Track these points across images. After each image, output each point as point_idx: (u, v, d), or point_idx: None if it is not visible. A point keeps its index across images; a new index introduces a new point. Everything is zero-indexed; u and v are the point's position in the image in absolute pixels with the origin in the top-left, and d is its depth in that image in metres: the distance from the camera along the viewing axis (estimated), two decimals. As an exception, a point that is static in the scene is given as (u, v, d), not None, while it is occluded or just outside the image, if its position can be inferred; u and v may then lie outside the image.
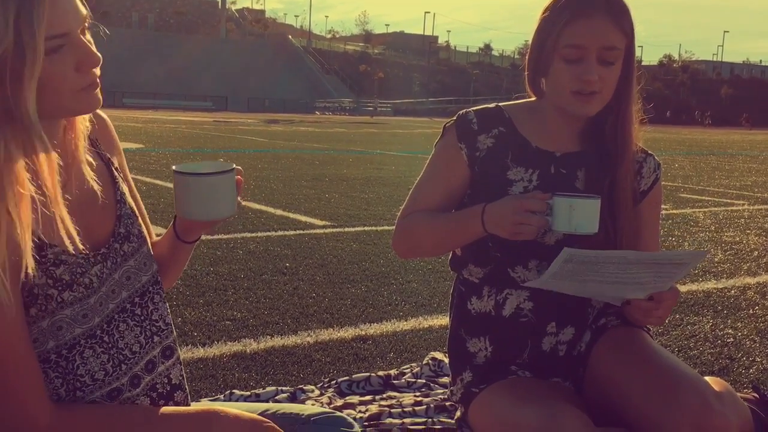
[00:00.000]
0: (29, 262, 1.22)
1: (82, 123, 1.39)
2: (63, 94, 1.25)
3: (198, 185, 1.38)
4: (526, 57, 1.98)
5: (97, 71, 1.30)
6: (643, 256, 1.71)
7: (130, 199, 1.49)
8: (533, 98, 2.04)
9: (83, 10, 1.27)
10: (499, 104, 2.08)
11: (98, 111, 1.43)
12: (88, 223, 1.35)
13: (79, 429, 1.30)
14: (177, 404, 1.47)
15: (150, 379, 1.42)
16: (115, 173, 1.47)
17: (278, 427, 1.38)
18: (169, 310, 1.52)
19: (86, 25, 1.28)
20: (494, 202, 1.82)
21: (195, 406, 1.48)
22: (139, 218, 1.51)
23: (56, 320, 1.29)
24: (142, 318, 1.43)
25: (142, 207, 1.60)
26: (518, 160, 1.98)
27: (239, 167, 1.47)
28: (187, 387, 1.53)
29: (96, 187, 1.38)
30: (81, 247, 1.31)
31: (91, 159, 1.40)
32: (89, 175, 1.38)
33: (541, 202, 1.74)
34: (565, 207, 1.70)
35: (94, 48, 1.28)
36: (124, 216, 1.44)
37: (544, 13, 1.90)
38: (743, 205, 8.93)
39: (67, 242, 1.29)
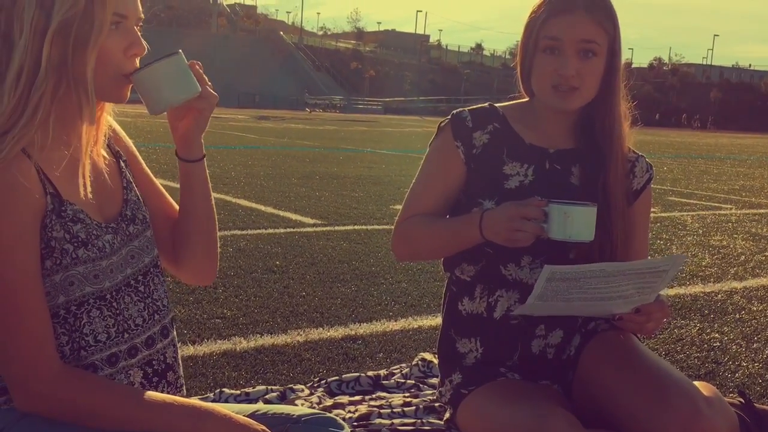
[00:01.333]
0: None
1: (105, 122, 1.49)
2: (107, 74, 1.36)
3: (151, 74, 1.41)
4: (517, 57, 2.02)
5: (138, 65, 1.41)
6: (622, 267, 1.72)
7: (136, 188, 1.56)
8: (526, 98, 2.06)
9: (140, 8, 1.40)
10: (492, 103, 2.11)
11: (111, 119, 1.55)
12: (99, 201, 1.44)
13: (80, 389, 1.34)
14: (169, 384, 1.51)
15: (148, 353, 1.48)
16: (122, 164, 1.55)
17: (269, 431, 1.39)
18: (167, 293, 1.57)
19: (140, 24, 1.41)
20: (491, 209, 1.85)
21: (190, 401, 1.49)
22: (144, 206, 1.57)
23: (69, 275, 1.36)
24: (145, 295, 1.49)
25: (161, 188, 1.67)
26: (513, 156, 2.00)
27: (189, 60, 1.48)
28: (180, 369, 1.57)
29: (106, 172, 1.47)
30: (92, 198, 1.40)
31: (104, 152, 1.51)
32: (102, 163, 1.47)
33: (537, 209, 1.75)
34: (560, 215, 1.71)
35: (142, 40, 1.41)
36: (131, 201, 1.52)
37: (531, 14, 1.96)
38: (731, 209, 8.99)
39: (81, 191, 1.39)
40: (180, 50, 1.44)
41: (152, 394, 1.40)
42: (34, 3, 1.29)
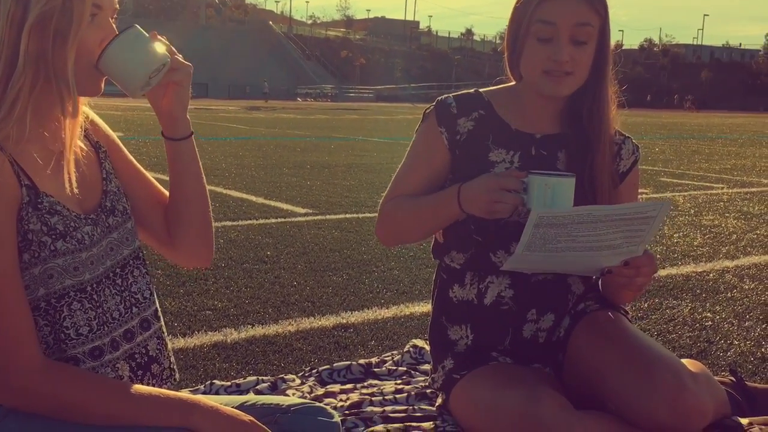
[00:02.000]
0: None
1: (81, 113, 1.45)
2: (82, 67, 1.33)
3: (112, 54, 1.37)
4: (505, 40, 2.00)
5: None
6: (609, 210, 1.71)
7: (116, 179, 1.54)
8: (513, 82, 2.05)
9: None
10: (478, 89, 2.09)
11: (88, 110, 1.52)
12: (78, 193, 1.42)
13: (62, 382, 1.32)
14: (154, 376, 1.50)
15: (129, 347, 1.46)
16: (101, 155, 1.52)
17: (257, 421, 1.38)
18: (150, 285, 1.55)
19: (115, 16, 1.39)
20: (469, 181, 1.83)
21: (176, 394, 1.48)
22: (124, 198, 1.54)
23: (48, 268, 1.34)
24: (122, 288, 1.47)
25: (147, 175, 1.64)
26: (499, 142, 1.99)
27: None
28: (166, 361, 1.55)
29: (83, 164, 1.45)
30: (76, 191, 1.39)
31: (81, 144, 1.47)
32: (79, 155, 1.44)
33: (516, 180, 1.75)
34: (540, 185, 1.71)
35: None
36: (110, 192, 1.50)
37: None
38: (722, 188, 9.00)
39: (67, 184, 1.37)
40: (135, 24, 1.41)
41: (138, 387, 1.39)
42: None
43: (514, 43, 1.95)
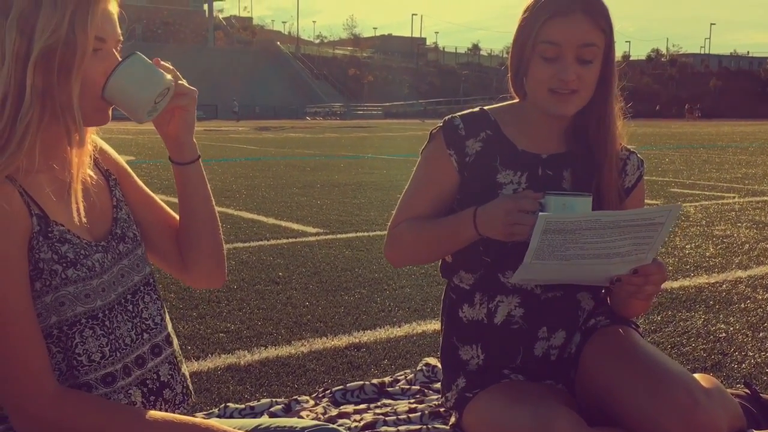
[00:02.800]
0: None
1: (90, 143, 1.48)
2: (88, 99, 1.36)
3: (116, 82, 1.38)
4: (509, 58, 2.00)
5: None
6: (617, 215, 1.70)
7: (126, 207, 1.56)
8: (517, 100, 2.05)
9: (119, 30, 1.41)
10: (483, 107, 2.10)
11: (98, 138, 1.55)
12: (88, 221, 1.44)
13: (77, 412, 1.34)
14: (166, 401, 1.51)
15: (140, 373, 1.47)
16: (111, 183, 1.55)
17: None
18: (161, 311, 1.56)
19: (119, 47, 1.42)
20: (485, 204, 1.84)
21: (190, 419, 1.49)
22: (134, 224, 1.57)
23: (59, 296, 1.36)
24: (134, 314, 1.49)
25: (158, 200, 1.68)
26: (506, 163, 2.00)
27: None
28: (179, 386, 1.55)
29: (93, 192, 1.47)
30: (84, 220, 1.42)
31: (91, 172, 1.49)
32: (89, 183, 1.46)
33: (534, 201, 1.75)
34: (558, 206, 1.72)
35: None
36: (120, 219, 1.53)
37: (524, 14, 1.92)
38: (734, 197, 8.96)
39: (75, 214, 1.40)
40: (137, 51, 1.43)
41: (151, 413, 1.40)
42: (15, 30, 1.28)
43: (518, 62, 1.95)
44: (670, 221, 1.72)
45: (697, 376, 1.90)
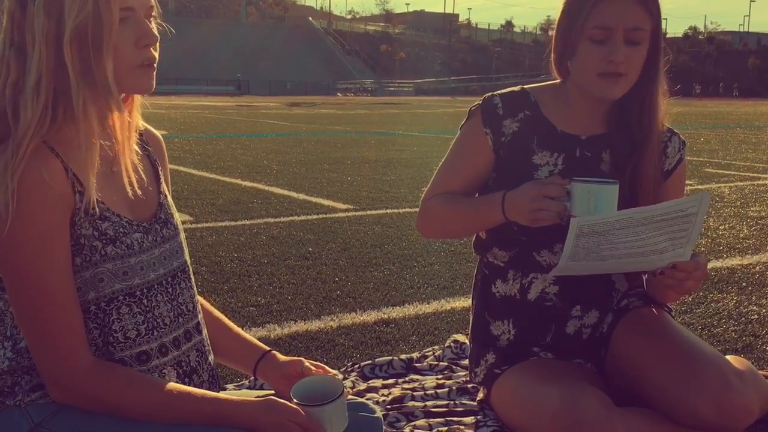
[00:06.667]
0: (93, 197, 1.36)
1: (136, 117, 1.52)
2: (121, 68, 1.37)
3: (328, 411, 1.45)
4: (552, 39, 1.98)
5: (155, 54, 1.43)
6: (649, 211, 1.69)
7: (169, 195, 1.61)
8: (558, 80, 2.04)
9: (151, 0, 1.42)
10: (524, 87, 2.08)
11: (155, 131, 1.60)
12: (132, 199, 1.47)
13: (112, 383, 1.37)
14: (195, 386, 1.53)
15: (177, 354, 1.50)
16: (159, 171, 1.60)
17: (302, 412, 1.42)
18: (194, 299, 1.59)
19: (153, 14, 1.42)
20: (514, 189, 1.83)
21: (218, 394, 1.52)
22: (176, 212, 1.62)
23: (98, 272, 1.39)
24: (173, 297, 1.52)
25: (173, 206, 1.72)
26: (543, 144, 1.99)
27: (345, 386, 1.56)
28: (206, 374, 1.58)
29: (142, 173, 1.51)
30: (131, 196, 1.45)
31: (140, 151, 1.55)
32: (137, 162, 1.50)
33: (560, 187, 1.74)
34: (583, 192, 1.70)
35: (154, 29, 1.42)
36: (165, 205, 1.57)
37: None
38: (770, 178, 8.82)
39: (128, 188, 1.44)
40: (342, 386, 1.49)
41: (182, 389, 1.43)
42: (42, 12, 1.31)
43: (564, 45, 1.92)
44: (702, 210, 1.70)
45: (729, 358, 1.89)
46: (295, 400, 1.45)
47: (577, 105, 1.99)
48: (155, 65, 1.44)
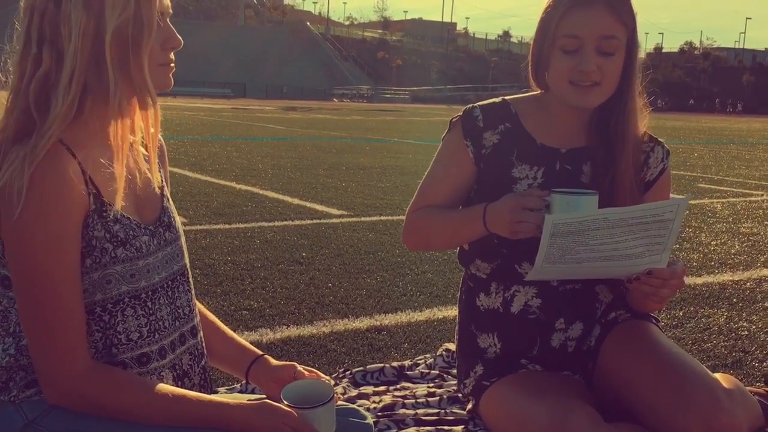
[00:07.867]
0: (120, 196, 1.40)
1: (137, 119, 1.54)
2: (151, 67, 1.41)
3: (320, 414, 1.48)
4: (530, 51, 2.00)
5: (173, 56, 1.47)
6: (625, 212, 1.68)
7: (171, 201, 1.63)
8: (539, 91, 2.05)
9: (169, 2, 1.47)
10: (506, 98, 2.09)
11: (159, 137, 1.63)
12: (139, 202, 1.50)
13: (107, 389, 1.38)
14: (187, 389, 1.54)
15: (173, 357, 1.52)
16: (160, 175, 1.61)
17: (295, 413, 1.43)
18: (191, 302, 1.61)
19: (170, 12, 1.47)
20: (494, 202, 1.84)
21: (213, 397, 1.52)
22: (177, 217, 1.64)
23: (107, 273, 1.40)
24: (172, 300, 1.54)
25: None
26: (523, 158, 1.99)
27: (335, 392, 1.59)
28: (197, 377, 1.59)
29: (148, 174, 1.54)
30: (139, 196, 1.49)
31: (143, 150, 1.56)
32: (143, 164, 1.53)
33: (538, 199, 1.75)
34: (562, 203, 1.70)
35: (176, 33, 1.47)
36: (167, 209, 1.59)
37: (546, 7, 1.91)
38: (762, 195, 8.85)
39: (139, 189, 1.49)
40: (332, 391, 1.51)
41: (176, 390, 1.44)
42: (80, 8, 1.32)
43: (539, 55, 1.94)
44: (679, 217, 1.70)
45: (718, 375, 1.90)
46: (285, 403, 1.46)
47: (557, 116, 2.00)
48: (173, 66, 1.48)
